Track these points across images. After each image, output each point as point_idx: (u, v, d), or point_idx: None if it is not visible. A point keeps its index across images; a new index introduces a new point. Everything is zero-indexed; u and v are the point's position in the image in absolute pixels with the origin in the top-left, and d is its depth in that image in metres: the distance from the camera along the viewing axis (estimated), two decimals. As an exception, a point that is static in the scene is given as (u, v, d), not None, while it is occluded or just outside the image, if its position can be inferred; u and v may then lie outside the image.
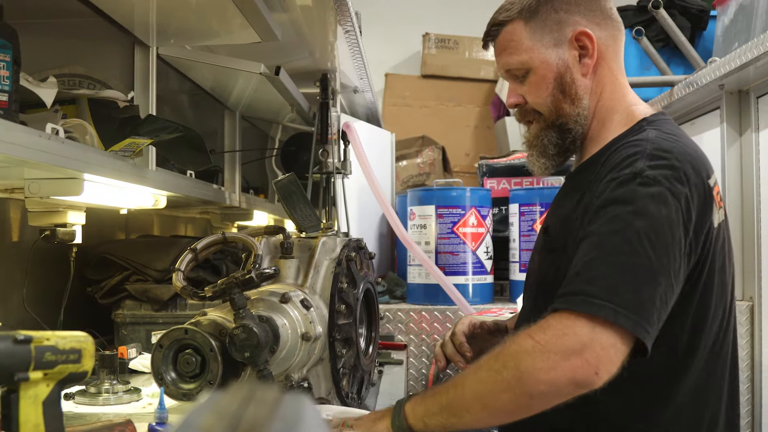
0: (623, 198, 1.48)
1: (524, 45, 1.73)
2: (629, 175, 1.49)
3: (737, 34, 3.54)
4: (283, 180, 1.96)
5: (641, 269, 1.44)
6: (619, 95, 1.77)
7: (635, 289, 1.43)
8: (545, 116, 1.76)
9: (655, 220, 1.45)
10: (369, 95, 3.71)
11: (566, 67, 1.72)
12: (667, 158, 1.52)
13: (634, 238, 1.44)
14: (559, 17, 1.72)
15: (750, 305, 3.30)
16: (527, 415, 1.43)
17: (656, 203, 1.47)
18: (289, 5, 2.28)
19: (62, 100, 1.98)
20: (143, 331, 2.59)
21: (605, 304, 1.39)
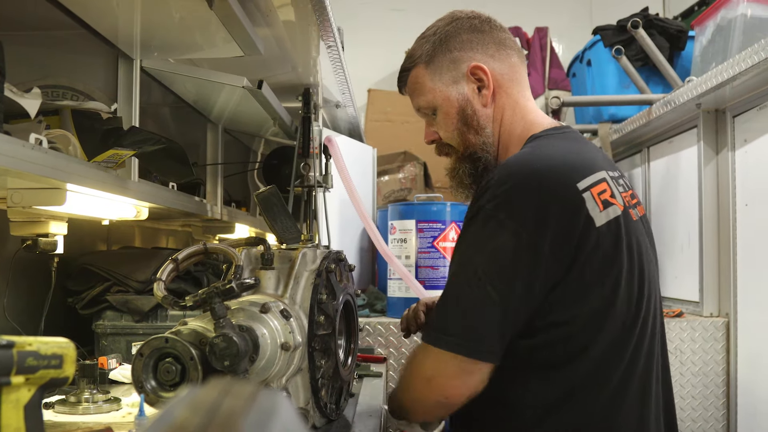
0: (468, 236, 1.68)
1: (427, 86, 1.89)
2: (474, 211, 1.66)
3: (714, 54, 3.60)
4: (264, 192, 1.98)
5: (478, 300, 1.63)
6: (518, 117, 1.88)
7: (471, 318, 1.65)
8: (456, 148, 1.91)
9: (491, 253, 1.62)
10: (351, 110, 3.74)
11: (466, 100, 1.85)
12: (508, 182, 1.62)
13: (472, 274, 1.63)
14: (453, 56, 1.86)
15: (726, 321, 3.35)
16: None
17: (492, 237, 1.61)
18: (272, 20, 2.31)
19: (46, 111, 1.99)
20: (123, 342, 2.59)
21: (450, 340, 1.65)
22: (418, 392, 1.76)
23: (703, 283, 3.45)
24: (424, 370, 1.72)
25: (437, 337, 1.67)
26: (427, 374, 1.71)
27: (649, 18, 4.34)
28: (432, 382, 1.69)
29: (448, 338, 1.65)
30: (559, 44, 6.30)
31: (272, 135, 3.70)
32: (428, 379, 1.70)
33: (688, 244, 3.61)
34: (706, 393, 3.35)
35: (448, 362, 1.66)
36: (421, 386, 1.73)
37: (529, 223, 1.60)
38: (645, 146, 4.18)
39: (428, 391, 1.71)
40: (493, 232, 1.61)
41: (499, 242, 1.60)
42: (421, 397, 1.76)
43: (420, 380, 1.74)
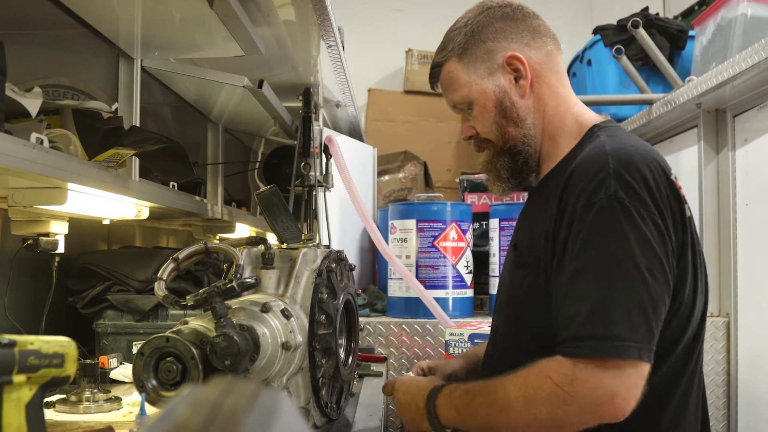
0: (608, 227, 1.50)
1: (461, 80, 1.81)
2: (606, 201, 1.50)
3: (715, 53, 3.60)
4: (264, 192, 1.98)
5: (646, 299, 1.47)
6: (563, 108, 1.81)
7: (646, 320, 1.46)
8: (494, 142, 1.82)
9: (642, 244, 1.48)
10: (351, 110, 3.74)
11: (503, 92, 1.77)
12: (633, 175, 1.53)
13: (632, 269, 1.47)
14: (488, 47, 1.78)
15: (726, 321, 3.35)
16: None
17: (639, 226, 1.49)
18: (273, 19, 2.31)
19: (47, 111, 1.99)
20: (124, 341, 2.59)
21: (628, 344, 1.43)
22: (584, 417, 1.46)
23: (704, 283, 3.45)
24: (599, 393, 1.43)
25: (610, 347, 1.43)
26: (605, 397, 1.43)
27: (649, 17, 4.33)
28: (615, 400, 1.43)
29: (619, 345, 1.43)
30: (559, 44, 6.30)
31: (273, 134, 3.70)
32: (608, 401, 1.43)
33: (688, 244, 3.61)
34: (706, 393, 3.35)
35: (630, 373, 1.44)
36: (593, 409, 1.44)
37: (659, 211, 1.53)
38: (645, 146, 4.17)
39: (602, 413, 1.45)
40: (632, 221, 1.49)
41: (646, 231, 1.50)
42: (587, 422, 1.47)
43: (591, 405, 1.44)
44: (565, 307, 1.51)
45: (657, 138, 4.03)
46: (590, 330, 1.44)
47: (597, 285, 1.47)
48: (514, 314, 1.79)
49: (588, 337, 1.44)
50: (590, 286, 1.48)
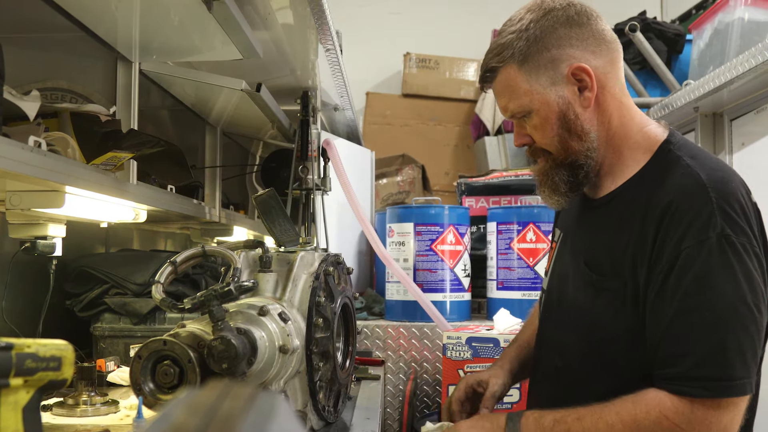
0: (719, 266, 1.51)
1: (522, 88, 1.70)
2: (716, 239, 1.51)
3: (712, 57, 3.60)
4: (262, 195, 1.98)
5: (755, 335, 1.52)
6: (628, 119, 1.74)
7: (755, 355, 1.52)
8: (554, 155, 1.74)
9: (750, 279, 1.51)
10: (349, 113, 3.74)
11: (567, 104, 1.69)
12: (735, 209, 1.54)
13: (743, 308, 1.50)
14: (552, 55, 1.68)
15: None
16: None
17: (745, 262, 1.52)
18: (271, 23, 2.31)
19: (45, 114, 1.99)
20: (122, 345, 2.59)
21: (744, 381, 1.48)
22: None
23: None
24: (714, 427, 1.49)
25: (726, 387, 1.48)
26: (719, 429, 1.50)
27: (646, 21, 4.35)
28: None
29: (736, 383, 1.48)
30: (557, 48, 6.30)
31: (271, 138, 3.70)
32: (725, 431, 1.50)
33: (685, 248, 3.61)
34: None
35: (732, 410, 1.50)
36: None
37: (757, 242, 1.57)
38: (643, 149, 4.18)
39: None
40: (740, 258, 1.52)
41: (750, 266, 1.53)
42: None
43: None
44: (671, 343, 1.53)
45: (654, 142, 4.04)
46: (707, 371, 1.48)
47: (711, 325, 1.50)
48: (597, 339, 1.72)
49: (704, 377, 1.48)
50: (704, 326, 1.50)
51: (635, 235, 1.61)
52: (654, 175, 1.66)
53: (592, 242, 1.76)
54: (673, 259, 1.53)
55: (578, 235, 1.84)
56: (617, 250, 1.65)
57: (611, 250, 1.67)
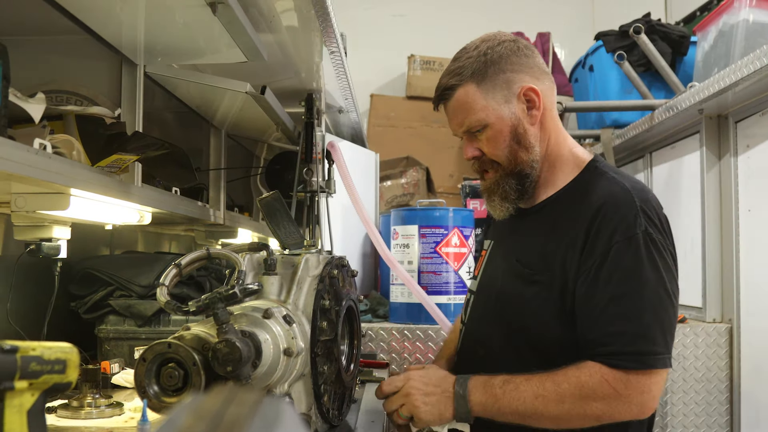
0: (644, 258, 1.77)
1: (479, 104, 1.93)
2: (641, 235, 1.78)
3: (717, 59, 3.60)
4: (267, 197, 1.98)
5: (673, 317, 1.81)
6: (562, 140, 2.02)
7: (672, 334, 1.81)
8: (504, 165, 1.96)
9: (667, 270, 1.80)
10: (354, 115, 3.74)
11: (518, 119, 1.93)
12: (653, 213, 1.84)
13: (664, 294, 1.78)
14: (506, 77, 1.93)
15: (729, 327, 3.34)
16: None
17: (664, 256, 1.81)
18: (276, 26, 2.31)
19: (50, 116, 1.99)
20: (126, 347, 2.60)
21: (666, 357, 1.77)
22: (629, 415, 1.77)
23: (706, 289, 3.45)
24: (647, 397, 1.76)
25: (653, 359, 1.75)
26: (652, 400, 1.77)
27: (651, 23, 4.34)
28: (644, 406, 1.77)
29: (659, 357, 1.76)
30: (561, 50, 6.30)
31: (275, 140, 3.70)
32: (653, 400, 1.77)
33: (690, 250, 3.61)
34: (709, 399, 3.34)
35: (657, 380, 1.76)
36: (638, 408, 1.77)
37: (670, 242, 1.87)
38: (647, 152, 4.18)
39: (645, 411, 1.78)
40: (660, 253, 1.80)
41: (667, 260, 1.81)
42: (629, 417, 1.78)
43: (638, 406, 1.76)
44: (606, 324, 1.77)
45: (659, 144, 4.04)
46: (639, 347, 1.74)
47: (641, 309, 1.76)
48: (521, 326, 1.94)
49: (636, 352, 1.74)
50: (635, 310, 1.76)
51: (568, 235, 1.85)
52: (584, 186, 1.93)
53: (524, 243, 1.99)
54: (605, 252, 1.78)
55: (511, 239, 2.06)
56: (549, 248, 1.89)
57: (543, 248, 1.91)
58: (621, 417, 1.77)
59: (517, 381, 1.80)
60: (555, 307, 1.85)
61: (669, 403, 3.37)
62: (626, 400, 1.74)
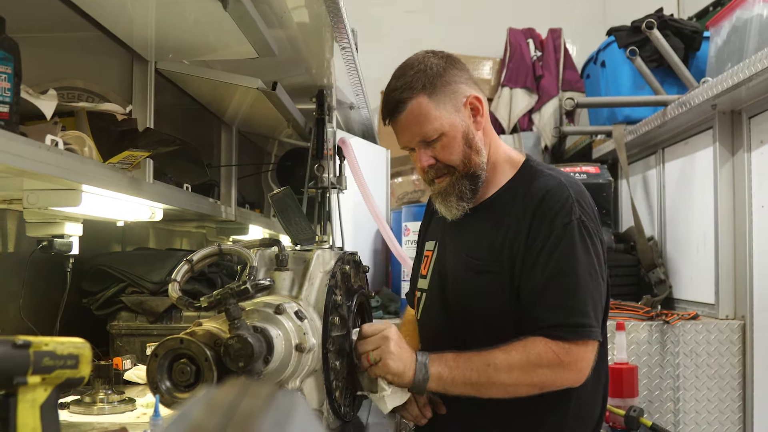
0: (578, 242, 1.95)
1: (433, 114, 2.02)
2: (576, 222, 1.96)
3: (730, 54, 3.58)
4: (278, 193, 1.98)
5: (602, 295, 2.00)
6: (497, 143, 2.17)
7: (601, 311, 1.99)
8: (458, 169, 2.07)
9: (597, 254, 1.99)
10: (365, 112, 3.74)
11: (467, 126, 2.06)
12: (586, 203, 2.03)
13: (594, 275, 1.96)
14: (453, 88, 2.05)
15: (742, 324, 3.33)
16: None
17: (595, 242, 1.99)
18: (287, 21, 2.31)
19: (61, 113, 1.99)
20: (138, 343, 2.60)
21: (596, 330, 1.94)
22: (569, 381, 1.94)
23: (719, 286, 3.43)
24: (583, 364, 1.93)
25: (588, 331, 1.92)
26: (587, 367, 1.93)
27: (663, 19, 4.32)
28: (581, 373, 1.93)
29: (593, 329, 1.92)
30: (572, 45, 6.28)
31: (286, 136, 3.70)
32: (587, 368, 1.93)
33: (703, 246, 3.59)
34: (721, 396, 3.33)
35: (591, 350, 1.94)
36: (577, 376, 1.93)
37: (598, 229, 2.04)
38: (660, 147, 4.16)
39: (581, 378, 1.93)
40: (591, 238, 1.97)
41: (597, 245, 1.99)
42: (569, 384, 1.94)
43: (576, 373, 1.92)
44: (547, 300, 1.94)
45: (671, 140, 4.01)
46: (575, 320, 1.91)
47: (576, 287, 1.93)
48: (477, 312, 2.06)
49: (573, 324, 1.91)
50: (571, 288, 1.93)
51: (512, 226, 2.02)
52: (523, 183, 2.09)
53: (472, 239, 2.12)
54: (546, 237, 1.96)
55: (457, 237, 2.17)
56: (496, 241, 2.04)
57: (491, 241, 2.05)
58: (563, 384, 1.93)
59: (469, 354, 1.94)
60: (507, 291, 2.00)
61: (681, 399, 3.36)
62: (567, 367, 1.91)
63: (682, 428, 3.35)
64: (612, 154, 4.61)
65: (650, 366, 3.39)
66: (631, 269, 4.15)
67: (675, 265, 4.00)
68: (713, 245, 3.48)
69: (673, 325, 3.38)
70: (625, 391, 3.10)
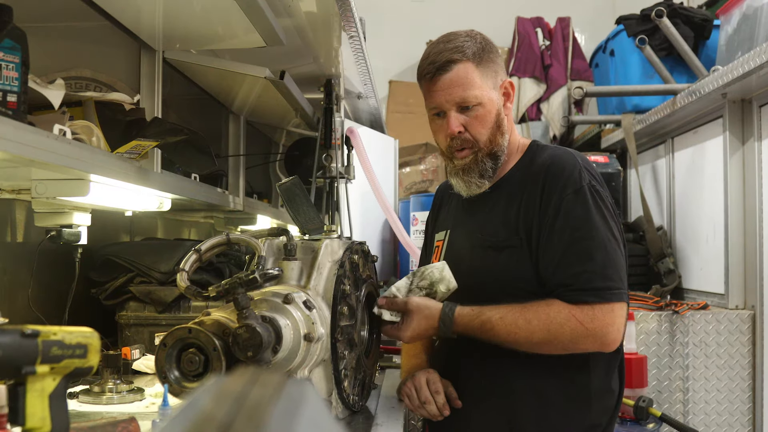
0: (592, 206, 1.94)
1: (476, 83, 2.04)
2: (587, 188, 1.96)
3: (740, 43, 3.55)
4: (286, 183, 1.97)
5: (621, 257, 1.97)
6: (514, 132, 2.19)
7: (624, 273, 1.96)
8: (481, 146, 2.07)
9: (612, 216, 1.98)
10: (373, 101, 3.73)
11: (500, 107, 2.08)
12: (594, 172, 2.03)
13: (612, 236, 1.94)
14: (495, 67, 2.09)
15: (752, 314, 3.32)
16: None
17: (609, 206, 1.98)
18: (294, 10, 2.30)
19: (69, 102, 1.99)
20: (147, 333, 2.60)
21: (622, 291, 1.91)
22: (596, 346, 1.91)
23: (729, 275, 3.42)
24: (611, 329, 1.89)
25: (611, 294, 1.89)
26: (616, 332, 1.90)
27: (673, 7, 4.29)
28: (609, 337, 1.89)
29: (616, 291, 1.90)
30: (581, 34, 6.26)
31: (294, 126, 3.70)
32: (617, 332, 1.90)
33: (713, 236, 3.58)
34: (731, 386, 3.32)
35: (619, 313, 1.90)
36: (604, 339, 1.89)
37: (608, 193, 2.02)
38: (669, 137, 4.14)
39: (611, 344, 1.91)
40: (605, 202, 1.96)
41: (611, 210, 1.98)
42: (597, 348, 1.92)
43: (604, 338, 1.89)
44: (567, 266, 1.92)
45: (681, 129, 4.00)
46: (597, 283, 1.89)
47: (594, 250, 1.92)
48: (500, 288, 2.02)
49: (596, 288, 1.89)
50: (590, 251, 1.92)
51: (524, 200, 2.02)
52: (530, 161, 2.10)
53: (485, 219, 2.11)
54: (558, 205, 1.95)
55: (470, 221, 2.17)
56: (510, 216, 2.03)
57: (505, 218, 2.05)
58: (587, 348, 1.91)
59: (494, 320, 1.93)
60: (529, 261, 1.99)
61: (691, 390, 3.35)
62: (592, 333, 1.88)
63: (691, 418, 3.34)
64: (621, 144, 4.59)
65: (659, 356, 3.38)
66: (640, 259, 4.14)
67: (684, 255, 3.98)
68: (723, 235, 3.46)
69: (682, 315, 3.37)
70: (634, 381, 3.09)
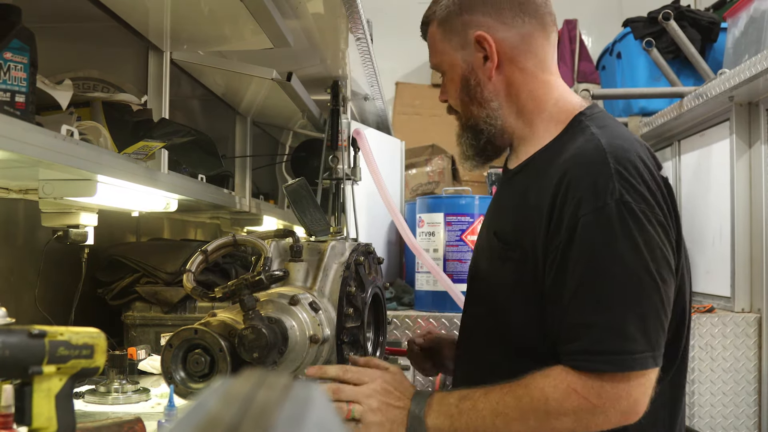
0: (618, 234, 1.44)
1: (438, 47, 1.73)
2: (614, 206, 1.44)
3: (748, 46, 3.55)
4: (293, 184, 1.98)
5: (659, 305, 1.46)
6: (542, 92, 1.69)
7: (660, 325, 1.46)
8: (461, 116, 1.77)
9: (651, 248, 1.45)
10: (379, 103, 3.73)
11: (471, 69, 1.68)
12: (635, 175, 1.48)
13: (645, 276, 1.44)
14: (464, 19, 1.66)
15: (758, 317, 3.31)
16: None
17: (645, 227, 1.45)
18: (302, 12, 2.30)
19: (77, 103, 2.00)
20: (152, 333, 2.61)
21: (646, 355, 1.42)
22: (608, 424, 1.46)
23: (735, 278, 3.41)
24: (624, 404, 1.44)
25: (631, 360, 1.42)
26: (630, 406, 1.44)
27: (680, 9, 4.29)
28: (638, 407, 1.45)
29: (639, 356, 1.42)
30: (588, 37, 6.25)
31: (301, 127, 3.70)
32: (632, 408, 1.45)
33: (719, 239, 3.57)
34: (737, 389, 3.31)
35: (640, 382, 1.44)
36: (618, 418, 1.45)
37: (660, 209, 1.49)
38: (676, 140, 4.14)
39: (627, 420, 1.46)
40: (639, 223, 1.44)
41: (650, 231, 1.45)
42: (608, 426, 1.46)
43: (616, 415, 1.44)
44: (573, 317, 1.47)
45: (688, 132, 3.99)
46: (609, 345, 1.43)
47: (612, 297, 1.44)
48: (495, 310, 1.68)
49: (607, 351, 1.42)
50: (605, 298, 1.44)
51: (536, 205, 1.55)
52: (560, 145, 1.61)
53: (500, 213, 1.75)
54: (571, 229, 1.46)
55: (492, 208, 1.83)
56: (519, 219, 1.61)
57: (516, 218, 1.63)
58: (600, 427, 1.45)
59: (476, 397, 1.51)
60: (527, 290, 1.56)
61: (696, 393, 3.34)
62: (601, 410, 1.43)
63: (697, 422, 3.33)
64: (627, 146, 4.58)
65: (665, 359, 3.38)
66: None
67: (691, 258, 3.96)
68: (729, 238, 3.45)
69: (688, 318, 3.36)
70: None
